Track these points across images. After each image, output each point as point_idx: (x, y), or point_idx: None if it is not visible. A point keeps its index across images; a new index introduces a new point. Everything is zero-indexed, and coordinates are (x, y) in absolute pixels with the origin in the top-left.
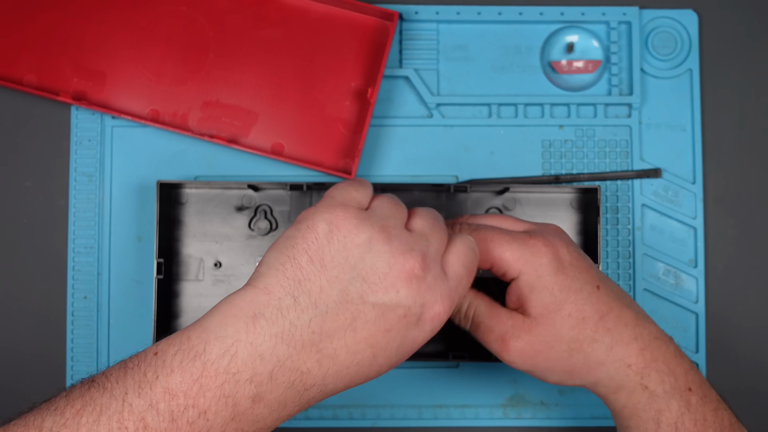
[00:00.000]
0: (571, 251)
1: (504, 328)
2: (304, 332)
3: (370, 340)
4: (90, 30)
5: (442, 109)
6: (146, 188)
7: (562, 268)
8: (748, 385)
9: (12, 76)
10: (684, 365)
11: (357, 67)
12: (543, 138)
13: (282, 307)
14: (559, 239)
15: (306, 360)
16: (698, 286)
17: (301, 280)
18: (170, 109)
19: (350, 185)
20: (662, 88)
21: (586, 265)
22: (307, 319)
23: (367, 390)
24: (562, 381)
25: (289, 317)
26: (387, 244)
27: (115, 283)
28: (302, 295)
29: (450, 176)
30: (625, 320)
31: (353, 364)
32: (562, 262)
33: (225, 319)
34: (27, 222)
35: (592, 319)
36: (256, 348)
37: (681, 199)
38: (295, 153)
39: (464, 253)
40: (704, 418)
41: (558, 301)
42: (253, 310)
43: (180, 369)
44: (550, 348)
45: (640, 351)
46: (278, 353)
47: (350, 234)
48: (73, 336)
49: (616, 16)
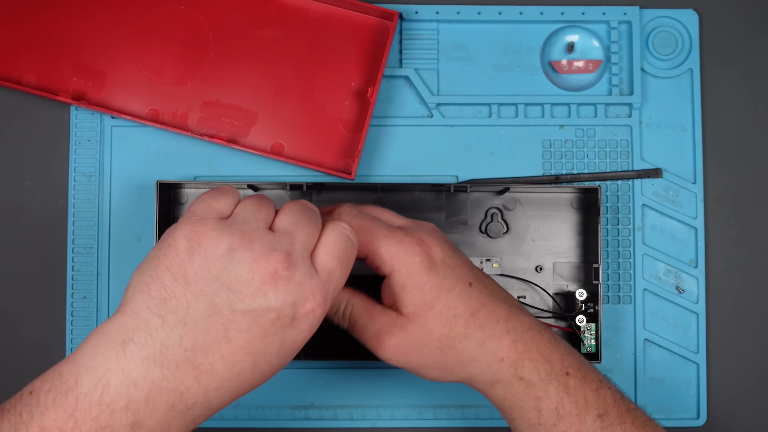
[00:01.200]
0: (444, 249)
1: (378, 325)
2: (177, 351)
3: (247, 349)
4: (89, 30)
5: (442, 109)
6: (146, 188)
7: (433, 267)
8: (749, 385)
9: (11, 76)
10: (560, 351)
11: (357, 66)
12: (543, 138)
13: (150, 329)
14: (433, 237)
15: (183, 379)
16: (699, 286)
17: (166, 298)
18: (170, 108)
19: (210, 196)
20: (663, 88)
21: (459, 263)
22: (177, 338)
23: (368, 390)
24: (437, 377)
25: (159, 338)
26: (248, 250)
27: (114, 283)
28: (169, 314)
29: (450, 176)
30: (497, 315)
31: (234, 375)
32: (434, 261)
33: (95, 349)
34: (26, 222)
35: (463, 316)
36: (128, 374)
37: (681, 199)
38: (295, 153)
39: (335, 244)
40: (585, 399)
41: (429, 300)
42: (122, 335)
43: (53, 406)
44: (423, 345)
45: (512, 343)
46: (152, 376)
47: (210, 246)
48: (72, 336)
49: (616, 15)
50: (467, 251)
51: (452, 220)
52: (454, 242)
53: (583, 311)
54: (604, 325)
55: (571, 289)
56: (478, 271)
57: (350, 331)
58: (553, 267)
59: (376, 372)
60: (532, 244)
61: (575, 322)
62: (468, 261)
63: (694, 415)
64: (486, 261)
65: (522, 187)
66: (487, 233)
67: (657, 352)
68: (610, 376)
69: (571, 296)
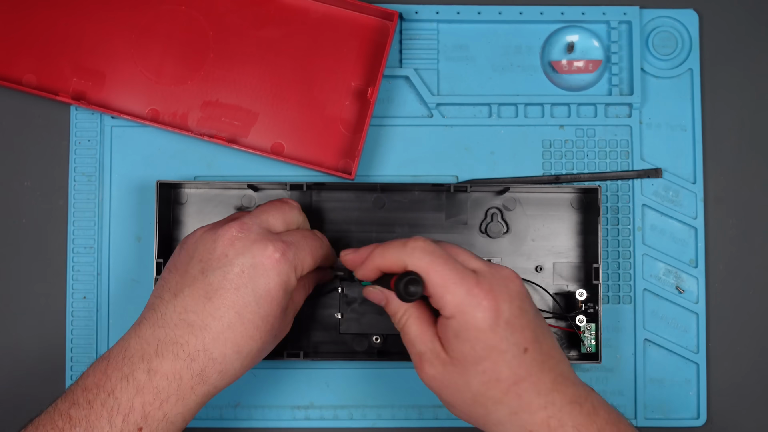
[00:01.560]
0: (513, 307)
1: (424, 349)
2: (173, 315)
3: (226, 303)
4: (89, 29)
5: (442, 109)
6: (146, 188)
7: (494, 325)
8: (749, 385)
9: (11, 76)
10: (597, 423)
11: (357, 66)
12: (543, 138)
13: (154, 307)
14: (504, 291)
15: (182, 334)
16: (699, 286)
17: (164, 284)
18: (170, 108)
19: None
20: (663, 88)
21: (523, 323)
22: (172, 307)
23: (368, 390)
24: (462, 418)
25: (159, 310)
26: (212, 230)
27: (114, 283)
28: (165, 293)
29: (450, 176)
30: (539, 388)
31: (225, 327)
32: (498, 319)
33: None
34: (26, 222)
35: (506, 382)
36: (141, 337)
37: (681, 199)
38: (295, 153)
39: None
40: None
41: (477, 357)
42: (139, 318)
43: (93, 370)
44: (457, 390)
45: (546, 419)
46: (157, 335)
47: (188, 240)
48: (72, 336)
49: (616, 15)
50: None
51: (452, 220)
52: (454, 243)
53: (583, 311)
54: (604, 325)
55: (571, 289)
56: (542, 331)
57: (401, 337)
58: (553, 267)
59: (376, 372)
60: (532, 244)
61: (575, 322)
62: (535, 319)
63: (694, 415)
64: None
65: (522, 187)
66: (487, 233)
67: (657, 352)
68: (610, 377)
69: (571, 296)
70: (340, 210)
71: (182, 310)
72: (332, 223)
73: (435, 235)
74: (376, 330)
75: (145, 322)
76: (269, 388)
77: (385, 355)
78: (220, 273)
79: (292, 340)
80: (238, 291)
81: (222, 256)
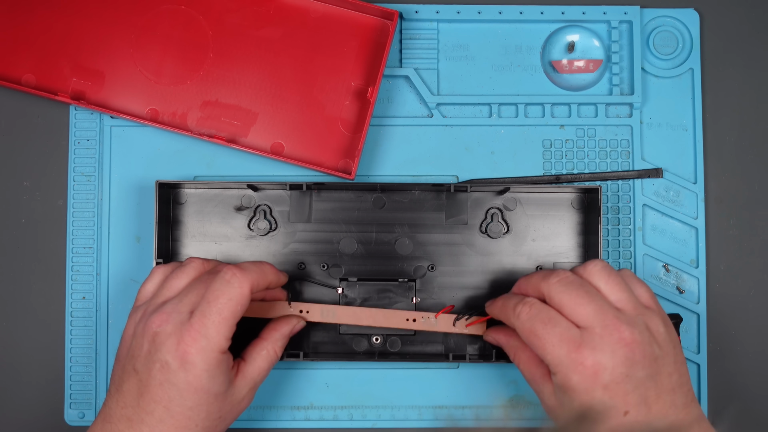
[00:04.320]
0: (615, 373)
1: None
2: (116, 410)
3: (155, 398)
4: (88, 29)
5: (442, 108)
6: (145, 188)
7: (592, 389)
8: (749, 385)
9: (10, 76)
10: None
11: (357, 66)
12: (544, 138)
13: (106, 399)
14: (610, 356)
15: (124, 429)
16: (699, 286)
17: (112, 376)
18: (169, 108)
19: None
20: (663, 88)
21: (627, 389)
22: (114, 401)
23: (368, 390)
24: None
25: (107, 404)
26: (142, 323)
27: (113, 283)
28: (112, 386)
29: (450, 176)
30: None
31: (157, 421)
32: (595, 383)
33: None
34: (25, 222)
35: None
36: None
37: (682, 199)
38: (295, 153)
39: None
40: None
41: (573, 411)
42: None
43: None
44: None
45: None
46: (105, 429)
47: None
48: (71, 336)
49: (617, 15)
50: (467, 251)
51: (452, 220)
52: (454, 243)
53: None
54: None
55: None
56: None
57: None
58: (554, 267)
59: (376, 372)
60: (532, 244)
61: None
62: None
63: None
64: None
65: (522, 187)
66: (487, 233)
67: None
68: None
69: None
70: (340, 210)
71: (123, 405)
72: (332, 223)
73: (435, 235)
74: (375, 330)
75: (99, 417)
76: (269, 389)
77: (385, 355)
78: (146, 369)
79: (292, 341)
80: (162, 386)
81: (146, 353)
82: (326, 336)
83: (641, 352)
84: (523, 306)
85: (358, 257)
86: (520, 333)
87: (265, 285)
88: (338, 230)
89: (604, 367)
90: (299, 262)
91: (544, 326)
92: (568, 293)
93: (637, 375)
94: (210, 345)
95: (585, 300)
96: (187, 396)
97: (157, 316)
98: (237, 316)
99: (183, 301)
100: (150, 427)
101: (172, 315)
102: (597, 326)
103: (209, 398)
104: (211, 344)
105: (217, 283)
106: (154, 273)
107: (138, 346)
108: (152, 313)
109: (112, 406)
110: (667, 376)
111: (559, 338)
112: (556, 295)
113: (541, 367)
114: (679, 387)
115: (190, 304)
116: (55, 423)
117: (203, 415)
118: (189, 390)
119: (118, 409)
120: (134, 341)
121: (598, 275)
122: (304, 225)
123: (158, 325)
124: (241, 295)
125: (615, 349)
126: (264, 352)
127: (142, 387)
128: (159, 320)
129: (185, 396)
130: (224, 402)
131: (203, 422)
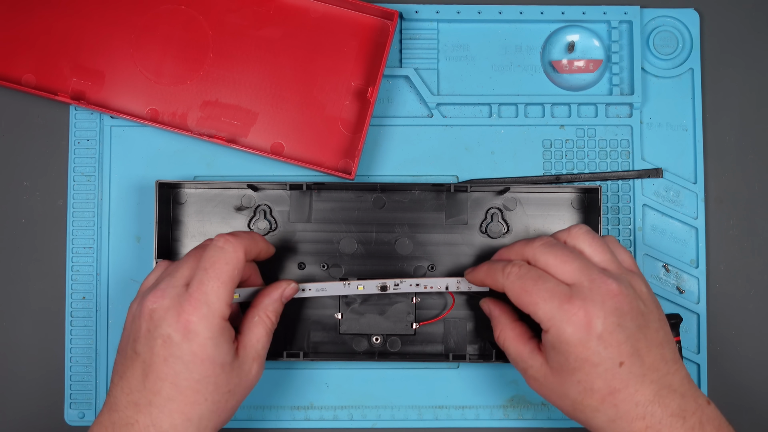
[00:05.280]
0: (607, 323)
1: (524, 366)
2: (122, 398)
3: (160, 376)
4: (89, 29)
5: (442, 108)
6: (145, 188)
7: (586, 339)
8: (749, 385)
9: (10, 76)
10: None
11: (357, 66)
12: (544, 138)
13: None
14: (599, 307)
15: (131, 414)
16: (699, 286)
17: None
18: (169, 108)
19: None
20: (663, 88)
21: (620, 339)
22: (119, 390)
23: (368, 391)
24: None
25: (112, 394)
26: (138, 305)
27: (113, 283)
28: (115, 376)
29: (450, 176)
30: (638, 399)
31: (166, 399)
32: (590, 334)
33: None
34: (25, 222)
35: (600, 392)
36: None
37: (682, 199)
38: (295, 153)
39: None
40: None
41: (571, 368)
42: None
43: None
44: (558, 398)
45: (643, 429)
46: (113, 420)
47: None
48: (71, 336)
49: (617, 15)
50: (467, 251)
51: (452, 220)
52: (454, 243)
53: None
54: None
55: None
56: (647, 344)
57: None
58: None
59: (376, 372)
60: None
61: None
62: (637, 333)
63: None
64: None
65: (522, 187)
66: (487, 233)
67: None
68: None
69: None
70: (340, 210)
71: (128, 392)
72: (332, 223)
73: (435, 235)
74: (375, 330)
75: (104, 408)
76: (269, 389)
77: (385, 355)
78: (147, 349)
79: (292, 341)
80: (167, 362)
81: (146, 332)
82: (326, 336)
83: (629, 304)
84: (512, 267)
85: (358, 257)
86: (510, 293)
87: (257, 252)
88: (338, 230)
89: (597, 315)
90: (299, 262)
91: (534, 283)
92: (553, 253)
93: (628, 325)
94: (212, 311)
95: (570, 258)
96: (193, 368)
97: (151, 294)
98: (235, 280)
99: (175, 275)
100: (159, 407)
101: (167, 290)
102: (584, 280)
103: (216, 369)
104: (212, 310)
105: (211, 250)
106: (157, 266)
107: (137, 329)
108: (146, 293)
109: (117, 394)
110: (654, 331)
111: (551, 293)
112: (541, 256)
113: (530, 343)
114: (667, 343)
115: (183, 277)
116: (55, 423)
117: (211, 388)
118: (195, 361)
119: (123, 396)
120: (133, 325)
121: (582, 238)
122: (304, 225)
123: (154, 302)
124: (237, 259)
125: (604, 300)
126: (256, 318)
127: (146, 368)
128: (154, 297)
129: (191, 368)
130: (231, 374)
131: (212, 395)
